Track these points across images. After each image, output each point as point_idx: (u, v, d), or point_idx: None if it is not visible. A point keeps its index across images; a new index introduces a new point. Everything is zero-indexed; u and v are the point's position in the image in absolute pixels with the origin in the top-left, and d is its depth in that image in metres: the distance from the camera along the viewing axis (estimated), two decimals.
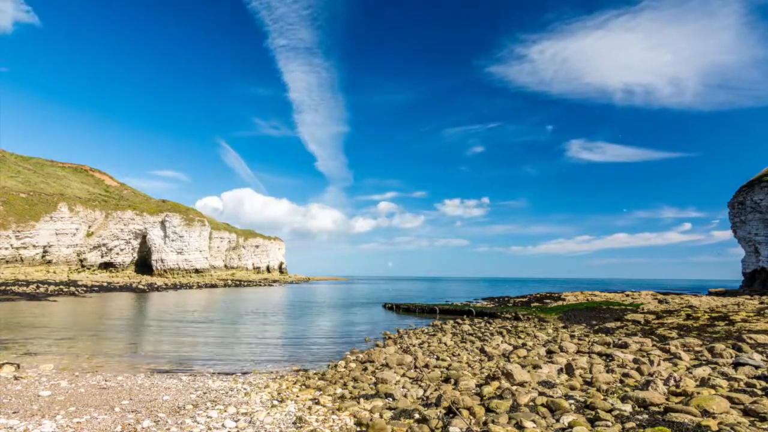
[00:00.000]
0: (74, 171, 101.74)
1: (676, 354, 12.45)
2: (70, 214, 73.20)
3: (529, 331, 20.39)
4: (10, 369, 11.05)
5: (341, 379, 10.87)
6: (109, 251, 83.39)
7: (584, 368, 10.87)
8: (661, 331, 18.13)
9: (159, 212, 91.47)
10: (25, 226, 65.22)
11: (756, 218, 58.79)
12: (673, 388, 8.46)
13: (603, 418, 6.70)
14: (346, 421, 7.32)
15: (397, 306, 37.07)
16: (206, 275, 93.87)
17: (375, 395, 8.92)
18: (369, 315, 32.36)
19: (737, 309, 26.55)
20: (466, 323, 24.38)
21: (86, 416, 7.31)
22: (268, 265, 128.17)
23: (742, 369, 10.08)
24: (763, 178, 59.23)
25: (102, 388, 9.45)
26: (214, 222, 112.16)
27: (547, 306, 34.86)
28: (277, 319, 29.27)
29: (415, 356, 13.49)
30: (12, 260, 63.69)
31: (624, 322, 22.72)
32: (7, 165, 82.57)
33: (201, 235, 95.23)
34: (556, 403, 7.42)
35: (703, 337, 16.13)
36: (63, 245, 71.60)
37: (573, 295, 47.45)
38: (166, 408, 8.02)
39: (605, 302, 37.11)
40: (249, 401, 8.65)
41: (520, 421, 6.68)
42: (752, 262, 60.35)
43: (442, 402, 7.79)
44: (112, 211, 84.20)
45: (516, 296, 54.17)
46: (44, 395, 8.61)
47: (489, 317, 29.24)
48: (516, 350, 14.18)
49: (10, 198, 67.01)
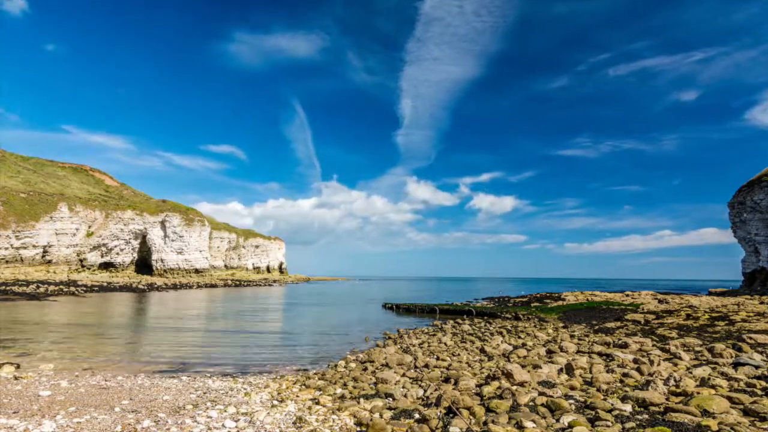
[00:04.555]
0: (74, 171, 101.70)
1: (676, 354, 12.44)
2: (70, 214, 73.18)
3: (529, 331, 20.38)
4: (10, 369, 11.05)
5: (341, 379, 10.86)
6: (109, 251, 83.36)
7: (584, 368, 10.87)
8: (661, 331, 18.13)
9: (159, 212, 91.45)
10: (25, 226, 65.19)
11: (756, 218, 58.77)
12: (673, 388, 8.46)
13: (603, 418, 6.69)
14: (346, 421, 7.32)
15: (397, 306, 37.05)
16: (206, 275, 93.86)
17: (375, 395, 8.92)
18: (369, 315, 32.35)
19: (737, 309, 26.53)
20: (466, 323, 24.38)
21: (86, 416, 7.31)
22: (268, 265, 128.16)
23: (742, 369, 10.08)
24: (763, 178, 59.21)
25: (102, 388, 9.45)
26: (214, 222, 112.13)
27: (547, 306, 34.86)
28: (276, 318, 29.27)
29: (415, 356, 13.49)
30: (12, 260, 63.66)
31: (624, 322, 22.71)
32: (7, 165, 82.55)
33: (201, 235, 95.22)
34: (556, 403, 7.41)
35: (703, 337, 16.13)
36: (63, 245, 71.58)
37: (573, 295, 47.45)
38: (166, 408, 8.02)
39: (605, 302, 37.12)
40: (249, 401, 8.65)
41: (520, 421, 6.68)
42: (752, 262, 60.34)
43: (442, 402, 7.78)
44: (112, 211, 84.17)
45: (516, 296, 54.19)
46: (44, 395, 8.60)
47: (489, 317, 29.23)
48: (516, 350, 14.17)
49: (10, 198, 66.99)
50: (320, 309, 37.81)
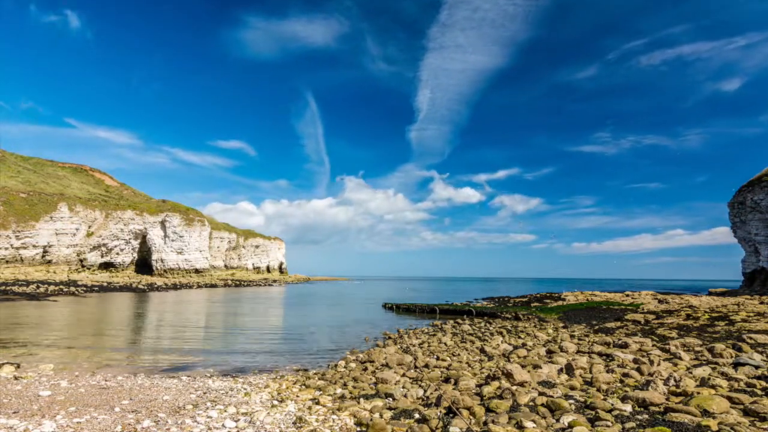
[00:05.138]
0: (74, 171, 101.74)
1: (676, 354, 12.44)
2: (70, 214, 73.18)
3: (529, 331, 20.38)
4: (10, 369, 11.05)
5: (341, 379, 10.86)
6: (109, 251, 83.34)
7: (584, 368, 10.86)
8: (661, 331, 18.13)
9: (159, 212, 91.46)
10: (25, 226, 65.19)
11: (756, 218, 58.76)
12: (673, 388, 8.46)
13: (603, 418, 6.69)
14: (346, 421, 7.32)
15: (397, 306, 37.05)
16: (206, 275, 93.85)
17: (375, 395, 8.92)
18: (369, 315, 32.35)
19: (737, 309, 26.53)
20: (466, 323, 24.38)
21: (86, 416, 7.31)
22: (268, 265, 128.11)
23: (742, 369, 10.08)
24: (763, 178, 59.20)
25: (102, 388, 9.45)
26: (214, 222, 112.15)
27: (547, 306, 34.86)
28: (276, 318, 29.27)
29: (415, 356, 13.49)
30: (12, 260, 63.66)
31: (624, 322, 22.71)
32: (7, 165, 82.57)
33: (201, 235, 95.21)
34: (556, 403, 7.41)
35: (703, 337, 16.12)
36: (63, 245, 71.57)
37: (573, 295, 47.47)
38: (166, 408, 8.01)
39: (605, 302, 37.13)
40: (249, 401, 8.65)
41: (520, 421, 6.68)
42: (752, 262, 60.33)
43: (442, 402, 7.78)
44: (112, 211, 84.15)
45: (516, 296, 54.21)
46: (44, 395, 8.60)
47: (489, 317, 29.23)
48: (516, 350, 14.17)
49: (10, 198, 66.99)
50: (320, 309, 37.82)
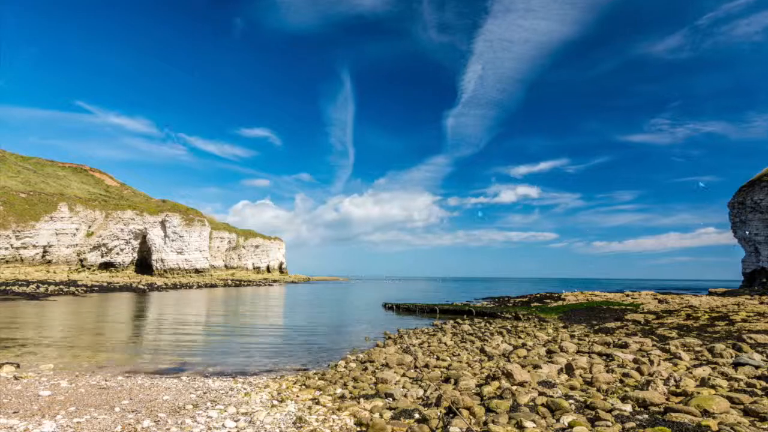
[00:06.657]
0: (74, 171, 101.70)
1: (676, 354, 12.44)
2: (70, 214, 73.17)
3: (529, 331, 20.38)
4: (10, 369, 11.05)
5: (341, 379, 10.86)
6: (109, 251, 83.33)
7: (584, 368, 10.87)
8: (661, 331, 18.12)
9: (159, 212, 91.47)
10: (25, 226, 65.18)
11: (756, 218, 58.78)
12: (673, 388, 8.46)
13: (603, 418, 6.69)
14: (346, 421, 7.32)
15: (397, 306, 37.05)
16: (206, 275, 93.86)
17: (375, 395, 8.92)
18: (369, 315, 32.34)
19: (737, 309, 26.53)
20: (466, 323, 24.37)
21: (86, 416, 7.31)
22: (269, 265, 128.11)
23: (742, 369, 10.08)
24: (763, 178, 59.20)
25: (102, 388, 9.45)
26: (214, 222, 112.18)
27: (547, 306, 34.85)
28: (276, 318, 29.27)
29: (415, 356, 13.49)
30: (12, 260, 63.66)
31: (624, 322, 22.71)
32: (7, 165, 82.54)
33: (201, 234, 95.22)
34: (556, 403, 7.41)
35: (703, 337, 16.12)
36: (63, 245, 71.56)
37: (573, 295, 47.46)
38: (166, 408, 8.02)
39: (605, 302, 37.11)
40: (249, 401, 8.65)
41: (520, 421, 6.68)
42: (752, 262, 60.35)
43: (442, 402, 7.78)
44: (112, 211, 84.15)
45: (516, 296, 54.21)
46: (44, 395, 8.60)
47: (489, 317, 29.23)
48: (516, 350, 14.17)
49: (10, 198, 66.98)
50: (320, 309, 37.81)
